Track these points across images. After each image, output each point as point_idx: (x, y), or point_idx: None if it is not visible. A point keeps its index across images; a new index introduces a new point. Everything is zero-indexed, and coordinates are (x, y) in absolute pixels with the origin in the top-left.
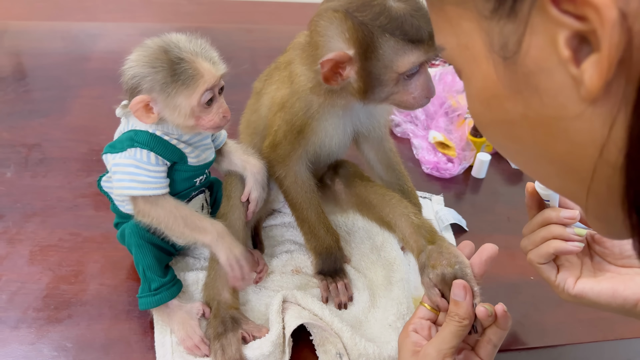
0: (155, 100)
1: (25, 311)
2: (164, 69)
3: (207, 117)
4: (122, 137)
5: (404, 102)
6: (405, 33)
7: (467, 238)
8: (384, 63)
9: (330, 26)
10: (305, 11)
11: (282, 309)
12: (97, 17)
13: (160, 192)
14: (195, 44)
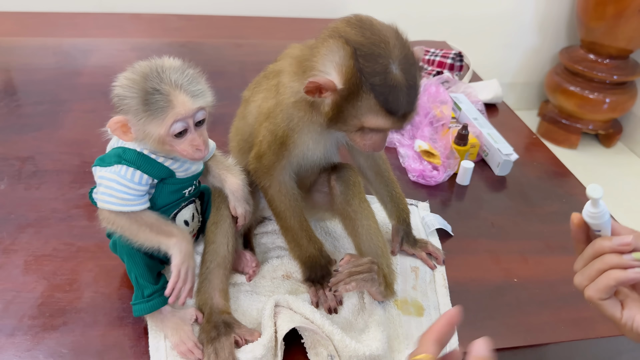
0: (131, 122)
1: (21, 319)
2: (138, 96)
3: (179, 147)
4: (112, 153)
5: (356, 142)
6: (386, 102)
7: (453, 243)
8: (356, 112)
9: (336, 53)
10: (293, 26)
11: (274, 313)
12: (88, 33)
13: (137, 208)
14: (180, 74)
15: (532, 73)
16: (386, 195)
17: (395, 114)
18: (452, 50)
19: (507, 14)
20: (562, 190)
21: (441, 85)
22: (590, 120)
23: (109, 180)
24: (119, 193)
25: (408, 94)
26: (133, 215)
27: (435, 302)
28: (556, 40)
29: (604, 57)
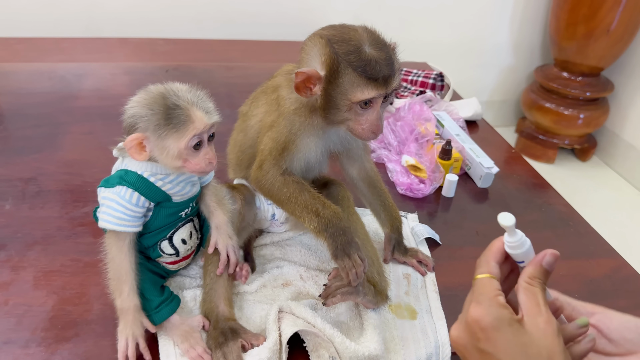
0: (148, 140)
1: (34, 331)
2: (160, 112)
3: (194, 161)
4: (115, 174)
5: (354, 130)
6: (364, 71)
7: (441, 251)
8: (342, 90)
9: (314, 48)
10: (278, 49)
11: (278, 318)
12: (76, 58)
13: (131, 229)
14: (193, 94)
15: (509, 91)
16: (379, 205)
17: (376, 79)
18: (434, 71)
19: (483, 35)
20: (541, 200)
21: (424, 104)
22: (566, 136)
23: (110, 200)
24: (117, 212)
25: (385, 62)
26: (122, 254)
27: (427, 306)
28: (531, 59)
29: (577, 75)
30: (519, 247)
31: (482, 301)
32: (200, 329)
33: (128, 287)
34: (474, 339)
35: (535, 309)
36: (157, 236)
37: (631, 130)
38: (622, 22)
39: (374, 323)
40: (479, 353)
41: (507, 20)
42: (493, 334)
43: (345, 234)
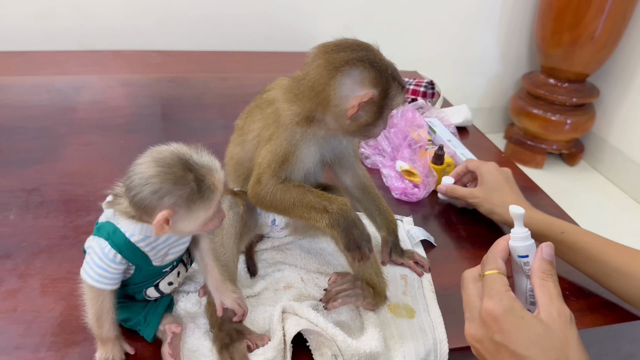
0: (176, 214)
1: (43, 337)
2: (191, 187)
3: (211, 223)
4: (105, 226)
5: (373, 134)
6: (400, 81)
7: (436, 252)
8: (389, 102)
9: (355, 71)
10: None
11: (282, 318)
12: (70, 71)
13: (108, 287)
14: (205, 157)
15: (497, 98)
16: (374, 209)
17: (404, 87)
18: (424, 80)
19: (470, 44)
20: (531, 203)
21: (417, 111)
22: (553, 141)
23: (94, 252)
24: (98, 269)
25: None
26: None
27: (424, 305)
28: (518, 67)
29: (563, 81)
30: (526, 239)
31: (493, 295)
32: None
33: (108, 324)
34: (489, 331)
35: (548, 302)
36: (141, 286)
37: (617, 134)
38: (606, 29)
39: (374, 322)
40: (494, 346)
41: (494, 29)
42: (506, 326)
43: (357, 226)
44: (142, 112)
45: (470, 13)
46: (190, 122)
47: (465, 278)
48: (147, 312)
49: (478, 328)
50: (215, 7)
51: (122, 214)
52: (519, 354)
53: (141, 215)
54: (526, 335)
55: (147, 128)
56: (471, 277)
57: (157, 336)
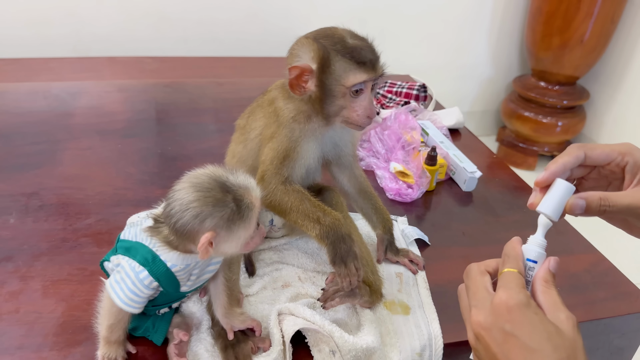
0: (219, 235)
1: (45, 337)
2: (231, 208)
3: (253, 241)
4: (141, 250)
5: (351, 118)
6: (352, 56)
7: (429, 251)
8: (335, 77)
9: (301, 47)
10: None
11: (279, 320)
12: (65, 77)
13: (135, 311)
14: (240, 177)
15: (489, 101)
16: (370, 208)
17: (364, 63)
18: (417, 83)
19: (462, 49)
20: (522, 202)
21: (410, 114)
22: (545, 143)
23: (127, 275)
24: (130, 293)
25: (369, 49)
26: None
27: (419, 302)
28: (509, 70)
29: (554, 84)
30: (542, 248)
31: (511, 288)
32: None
33: (120, 331)
34: (499, 320)
35: (555, 306)
36: (157, 308)
37: (607, 136)
38: (595, 32)
39: (370, 319)
40: (503, 335)
41: (485, 34)
42: (519, 317)
43: (345, 241)
44: (139, 117)
45: (462, 19)
46: (186, 127)
47: (471, 270)
48: (155, 318)
49: (488, 316)
50: (209, 12)
51: (165, 244)
52: (530, 347)
53: (183, 242)
54: (539, 330)
55: (143, 132)
56: (478, 270)
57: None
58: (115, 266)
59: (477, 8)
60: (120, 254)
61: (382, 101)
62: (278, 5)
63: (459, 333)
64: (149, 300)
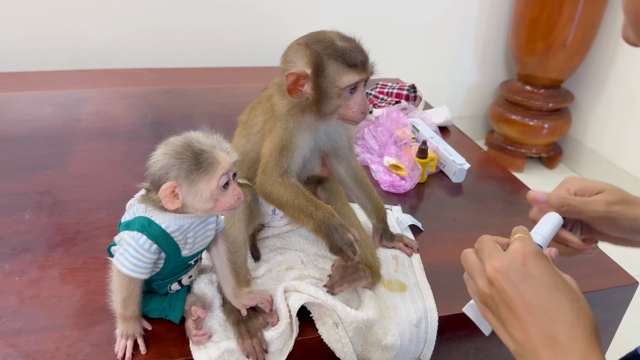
0: (181, 187)
1: (67, 318)
2: (188, 159)
3: (224, 200)
4: (137, 221)
5: (346, 115)
6: (344, 59)
7: (423, 236)
8: (329, 80)
9: (295, 54)
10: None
11: (285, 297)
12: (63, 88)
13: (141, 276)
14: (212, 138)
15: (477, 106)
16: (365, 198)
17: (355, 65)
18: (407, 84)
19: (449, 55)
20: (509, 191)
21: (401, 112)
22: (532, 145)
23: (128, 244)
24: (133, 259)
25: (358, 50)
26: (131, 284)
27: (414, 280)
28: (495, 75)
29: (539, 88)
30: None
31: (524, 240)
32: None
33: (134, 305)
34: (516, 263)
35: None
36: (166, 282)
37: (592, 137)
38: (577, 36)
39: (370, 295)
40: (519, 276)
41: (471, 40)
42: (535, 261)
43: (338, 231)
44: (142, 120)
45: (448, 26)
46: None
47: (484, 238)
48: (171, 298)
49: (504, 261)
50: (203, 24)
51: (157, 208)
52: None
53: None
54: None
55: (147, 135)
56: (490, 238)
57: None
58: (118, 243)
59: (462, 16)
60: (122, 229)
61: (374, 101)
62: (271, 17)
63: (452, 307)
64: (154, 269)
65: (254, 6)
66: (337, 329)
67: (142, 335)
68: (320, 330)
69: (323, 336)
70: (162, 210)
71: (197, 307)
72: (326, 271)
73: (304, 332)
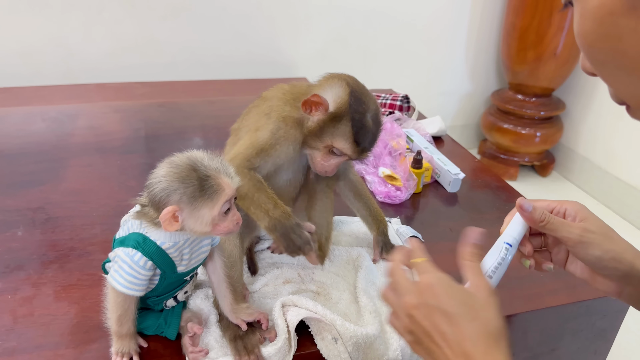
0: (182, 211)
1: (61, 336)
2: (193, 185)
3: (224, 225)
4: (132, 237)
5: (314, 160)
6: (357, 134)
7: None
8: (332, 132)
9: (337, 87)
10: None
11: (283, 312)
12: (56, 103)
13: (136, 294)
14: (216, 161)
15: (469, 115)
16: (365, 211)
17: (359, 145)
18: (400, 94)
19: (441, 65)
20: (504, 200)
21: (395, 122)
22: (525, 153)
23: (122, 261)
24: (128, 276)
25: (373, 138)
26: (126, 302)
27: None
28: (487, 84)
29: (531, 96)
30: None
31: (429, 271)
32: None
33: (129, 323)
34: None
35: (473, 277)
36: (162, 298)
37: (584, 144)
38: (567, 45)
39: (370, 309)
40: (429, 309)
41: (462, 50)
42: (439, 290)
43: (295, 231)
44: (136, 135)
45: (439, 36)
46: (181, 142)
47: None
48: (166, 314)
49: (416, 296)
50: (196, 37)
51: (152, 224)
52: (449, 312)
53: (158, 215)
54: (455, 297)
55: (141, 149)
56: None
57: None
58: (113, 260)
59: (453, 26)
60: (116, 246)
61: None
62: (264, 30)
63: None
64: (149, 285)
65: (247, 19)
66: (337, 344)
67: (138, 353)
68: (319, 345)
69: (322, 351)
70: (157, 227)
71: (193, 323)
72: (324, 285)
73: (303, 347)
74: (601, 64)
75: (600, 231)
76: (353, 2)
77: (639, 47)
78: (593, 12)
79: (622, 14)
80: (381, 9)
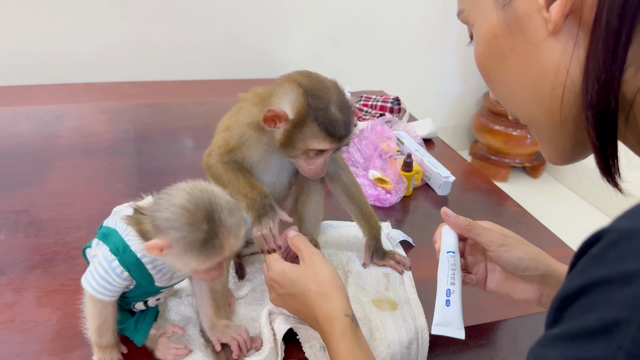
0: (171, 248)
1: (43, 343)
2: (198, 237)
3: (201, 275)
4: (114, 239)
5: (301, 167)
6: (326, 128)
7: (413, 250)
8: (303, 137)
9: (290, 92)
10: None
11: (270, 320)
12: (44, 103)
13: (107, 299)
14: (235, 216)
15: (461, 117)
16: (358, 214)
17: (332, 136)
18: (390, 96)
19: (432, 66)
20: (495, 203)
21: (385, 125)
22: (516, 155)
23: (99, 264)
24: (102, 280)
25: (344, 124)
26: (104, 308)
27: (405, 298)
28: (478, 86)
29: None
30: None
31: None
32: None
33: (109, 334)
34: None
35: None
36: (131, 300)
37: None
38: None
39: (359, 316)
40: (280, 296)
41: (454, 51)
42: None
43: (265, 208)
44: (123, 136)
45: (431, 37)
46: (170, 144)
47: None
48: (137, 319)
49: (272, 291)
50: (187, 37)
51: (137, 234)
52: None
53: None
54: (285, 278)
55: (128, 150)
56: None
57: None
58: (93, 256)
59: (444, 27)
60: (98, 238)
61: (359, 114)
62: (254, 30)
63: None
64: (124, 291)
65: (237, 19)
66: (325, 352)
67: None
68: (308, 353)
69: (310, 359)
70: (143, 239)
71: (174, 325)
72: None
73: (291, 354)
74: (492, 81)
75: (515, 237)
76: (344, 3)
77: (517, 63)
78: (482, 36)
79: (503, 36)
80: (372, 10)
